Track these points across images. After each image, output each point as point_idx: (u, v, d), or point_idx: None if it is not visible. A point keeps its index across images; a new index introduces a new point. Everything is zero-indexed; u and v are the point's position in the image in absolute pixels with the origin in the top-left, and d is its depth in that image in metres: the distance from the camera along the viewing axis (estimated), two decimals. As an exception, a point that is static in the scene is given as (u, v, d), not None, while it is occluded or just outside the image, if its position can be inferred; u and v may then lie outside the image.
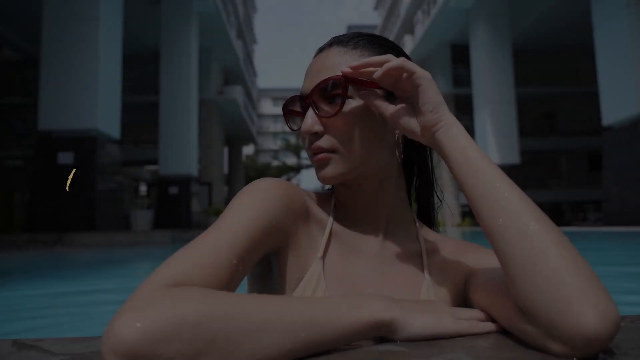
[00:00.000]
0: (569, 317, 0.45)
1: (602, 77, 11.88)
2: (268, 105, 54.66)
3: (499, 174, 0.58)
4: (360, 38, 0.75)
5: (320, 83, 0.69)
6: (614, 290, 0.54)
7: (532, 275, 0.49)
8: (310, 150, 0.72)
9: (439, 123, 0.64)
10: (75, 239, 8.34)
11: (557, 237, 0.51)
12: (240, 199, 0.63)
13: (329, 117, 0.69)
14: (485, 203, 0.56)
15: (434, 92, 0.65)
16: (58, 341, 0.57)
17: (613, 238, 8.39)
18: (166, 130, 15.42)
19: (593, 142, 21.98)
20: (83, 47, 9.66)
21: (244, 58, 24.18)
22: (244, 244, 0.57)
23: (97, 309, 2.92)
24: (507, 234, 0.53)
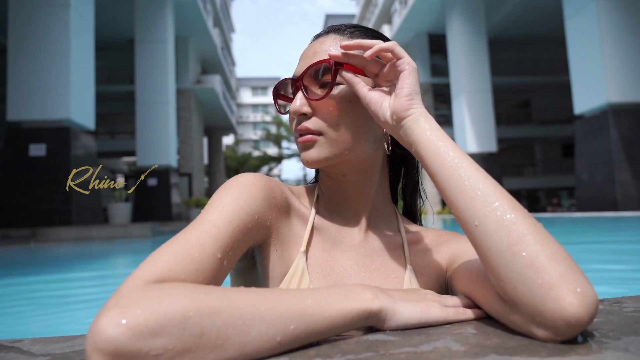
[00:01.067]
0: (550, 303, 0.46)
1: (573, 67, 12.12)
2: (247, 94, 54.14)
3: (472, 164, 0.58)
4: (357, 29, 0.76)
5: (311, 66, 0.70)
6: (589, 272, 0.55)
7: (512, 264, 0.49)
8: (296, 132, 0.72)
9: (410, 109, 0.65)
10: (51, 234, 8.13)
11: (533, 225, 0.51)
12: (222, 194, 0.63)
13: (317, 99, 0.69)
14: (460, 194, 0.56)
15: (415, 80, 0.66)
16: (37, 341, 0.56)
17: (586, 223, 8.61)
18: (143, 120, 15.13)
19: (566, 130, 22.51)
20: (53, 34, 9.34)
21: (221, 47, 23.84)
22: (228, 238, 0.57)
23: (76, 306, 2.86)
24: (484, 224, 0.53)
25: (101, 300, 3.04)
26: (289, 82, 0.76)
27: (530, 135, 24.49)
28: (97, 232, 8.58)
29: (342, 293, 0.51)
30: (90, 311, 2.72)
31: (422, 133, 0.63)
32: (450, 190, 0.57)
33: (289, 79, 0.76)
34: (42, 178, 9.09)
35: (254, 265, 0.73)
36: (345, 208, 0.78)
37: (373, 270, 0.75)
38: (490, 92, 17.32)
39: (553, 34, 19.42)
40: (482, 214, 0.53)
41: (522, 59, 23.07)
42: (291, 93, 0.75)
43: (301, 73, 0.71)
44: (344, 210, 0.78)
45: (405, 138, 0.65)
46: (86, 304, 2.97)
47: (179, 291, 0.43)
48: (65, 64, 9.33)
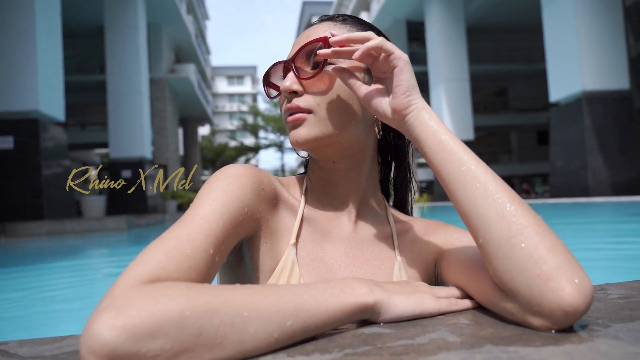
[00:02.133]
0: (549, 293, 0.47)
1: (549, 55, 12.30)
2: (223, 84, 53.47)
3: (473, 157, 0.59)
4: (349, 16, 0.79)
5: (304, 46, 0.70)
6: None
7: (511, 255, 0.50)
8: (286, 111, 0.71)
9: (410, 106, 0.64)
10: (21, 229, 7.92)
11: (532, 217, 0.52)
12: (211, 187, 0.62)
13: (309, 77, 0.69)
14: (461, 186, 0.57)
15: (409, 74, 0.65)
16: (24, 343, 0.54)
17: (558, 209, 8.81)
18: (115, 111, 14.77)
19: (541, 117, 22.94)
20: (17, 21, 8.99)
21: (195, 34, 23.41)
22: (219, 233, 0.56)
23: (53, 301, 2.78)
24: (484, 216, 0.54)
25: (79, 294, 2.96)
26: (281, 66, 0.76)
27: (506, 123, 24.90)
28: (70, 226, 8.40)
29: (337, 288, 0.51)
30: (68, 306, 2.67)
31: (424, 129, 0.63)
32: (452, 184, 0.58)
33: (280, 62, 0.75)
34: (11, 172, 8.85)
35: (241, 259, 0.72)
36: (335, 198, 0.78)
37: (363, 262, 0.76)
38: (468, 80, 17.51)
39: (530, 23, 19.67)
40: (482, 206, 0.54)
41: (499, 47, 23.34)
42: (282, 77, 0.76)
43: (293, 54, 0.72)
44: (334, 200, 0.78)
45: (408, 134, 0.65)
46: (63, 298, 2.90)
47: (175, 291, 0.42)
48: (31, 52, 9.00)
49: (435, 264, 0.75)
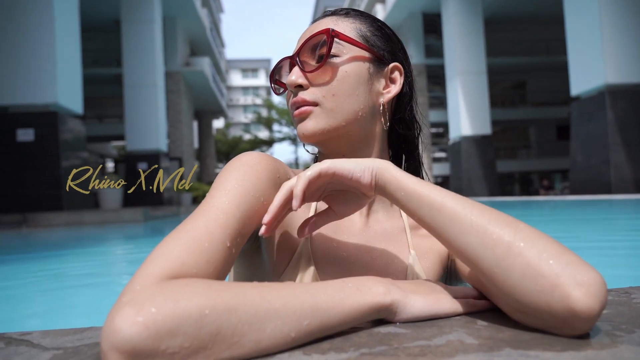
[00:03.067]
0: (556, 304, 0.45)
1: (571, 47, 12.01)
2: (237, 77, 53.61)
3: (440, 193, 0.57)
4: (352, 10, 0.79)
5: (307, 40, 0.72)
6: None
7: (507, 278, 0.49)
8: (293, 105, 0.72)
9: (369, 183, 0.61)
10: (41, 219, 8.09)
11: (514, 229, 0.51)
12: (227, 176, 0.62)
13: (313, 70, 0.70)
14: (440, 227, 0.55)
15: (344, 171, 0.60)
16: (47, 334, 0.55)
17: (579, 206, 8.66)
18: (131, 104, 14.93)
19: (561, 112, 22.53)
20: (36, 16, 9.13)
21: (210, 27, 23.48)
22: (236, 224, 0.56)
23: (73, 289, 2.84)
24: (469, 249, 0.53)
25: (97, 282, 3.00)
26: (287, 62, 0.77)
27: (525, 117, 24.51)
28: (88, 217, 8.55)
29: (354, 287, 0.51)
30: (87, 291, 2.74)
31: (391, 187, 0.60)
32: (432, 227, 0.57)
33: (286, 59, 0.76)
34: (31, 163, 9.01)
35: (258, 248, 0.73)
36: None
37: (376, 256, 0.75)
38: (486, 73, 17.27)
39: (550, 13, 19.26)
40: (464, 241, 0.53)
41: (518, 39, 22.92)
42: (288, 72, 0.77)
43: (297, 49, 0.73)
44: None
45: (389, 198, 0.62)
46: (82, 284, 2.96)
47: (195, 289, 0.43)
48: (50, 46, 9.14)
49: (449, 256, 0.76)
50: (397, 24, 23.04)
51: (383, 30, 0.78)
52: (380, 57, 0.75)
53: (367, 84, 0.73)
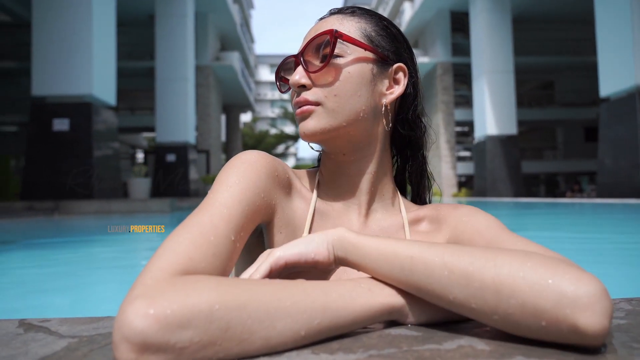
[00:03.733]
0: (565, 332, 0.43)
1: (601, 47, 11.71)
2: (266, 72, 53.85)
3: (417, 246, 0.53)
4: (358, 8, 0.78)
5: (311, 40, 0.71)
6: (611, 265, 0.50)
7: (507, 323, 0.46)
8: (296, 105, 0.72)
9: (326, 259, 0.57)
10: (73, 207, 8.31)
11: (494, 268, 0.47)
12: (228, 173, 0.64)
13: (316, 70, 0.70)
14: (419, 289, 0.51)
15: (295, 257, 0.56)
16: (65, 322, 0.57)
17: (606, 210, 8.48)
18: (162, 96, 15.24)
19: (590, 113, 21.96)
20: (75, 10, 9.42)
21: (240, 23, 23.66)
22: (239, 218, 0.58)
23: (102, 279, 2.97)
24: (454, 306, 0.50)
25: (120, 269, 3.13)
26: (292, 61, 0.76)
27: (552, 117, 23.96)
28: (117, 206, 8.73)
29: (366, 287, 0.51)
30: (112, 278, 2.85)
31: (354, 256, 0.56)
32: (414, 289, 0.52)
33: (291, 57, 0.76)
34: (65, 152, 9.28)
35: (261, 244, 0.75)
36: (346, 190, 0.78)
37: None
38: (513, 72, 16.96)
39: (580, 12, 18.79)
40: (450, 298, 0.49)
41: (546, 38, 22.38)
42: (293, 70, 0.75)
43: (303, 47, 0.73)
44: (345, 192, 0.78)
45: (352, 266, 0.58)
46: (108, 270, 3.10)
47: (205, 285, 0.43)
48: (87, 40, 9.42)
49: None
50: (425, 22, 22.78)
51: (388, 30, 0.77)
52: (384, 58, 0.74)
53: (370, 84, 0.73)
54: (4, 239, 5.39)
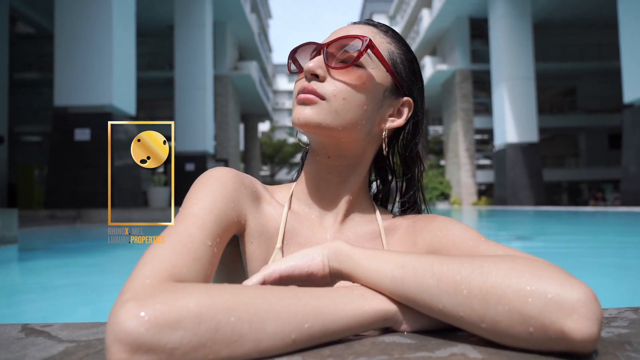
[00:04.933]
0: (554, 339, 0.43)
1: (624, 52, 11.51)
2: (283, 81, 54.30)
3: (408, 258, 0.53)
4: (392, 30, 0.79)
5: (341, 37, 0.71)
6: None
7: (495, 332, 0.46)
8: (302, 90, 0.71)
9: (321, 272, 0.57)
10: (94, 215, 8.48)
11: (480, 276, 0.47)
12: (196, 189, 0.66)
13: (336, 67, 0.70)
14: (418, 295, 0.51)
15: (290, 270, 0.56)
16: (66, 326, 0.58)
17: (630, 218, 8.26)
18: (181, 106, 15.45)
19: (613, 119, 21.50)
20: (96, 21, 9.65)
21: (258, 33, 23.95)
22: (212, 226, 0.60)
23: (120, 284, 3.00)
24: (444, 316, 0.49)
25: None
26: (312, 48, 0.75)
27: (574, 124, 23.56)
28: (137, 214, 8.87)
29: (359, 293, 0.51)
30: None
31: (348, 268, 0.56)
32: (401, 294, 0.52)
33: (312, 44, 0.75)
34: (87, 161, 9.47)
35: (238, 255, 0.74)
36: (324, 197, 0.77)
37: None
38: (533, 79, 16.75)
39: (603, 16, 18.51)
40: (436, 307, 0.49)
41: (568, 44, 22.07)
42: (309, 57, 0.75)
43: (330, 40, 0.72)
44: (322, 199, 0.77)
45: (346, 278, 0.58)
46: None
47: (195, 289, 0.44)
48: (107, 51, 9.62)
49: None
50: (444, 29, 22.68)
51: (412, 64, 0.78)
52: (398, 87, 0.75)
53: (378, 104, 0.73)
54: (29, 246, 5.51)
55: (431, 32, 23.42)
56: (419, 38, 24.89)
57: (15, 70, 16.50)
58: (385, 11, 43.57)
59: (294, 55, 0.77)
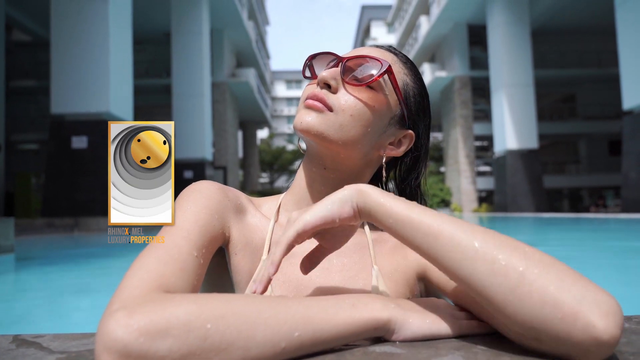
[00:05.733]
0: (577, 333, 0.43)
1: (623, 59, 11.56)
2: (282, 88, 54.47)
3: (444, 218, 0.53)
4: (411, 62, 0.81)
5: (362, 56, 0.71)
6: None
7: (522, 306, 0.45)
8: (310, 97, 0.71)
9: (351, 215, 0.57)
10: (92, 224, 8.46)
11: (524, 254, 0.48)
12: (181, 202, 0.66)
13: (350, 82, 0.70)
14: (441, 256, 0.51)
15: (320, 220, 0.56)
16: (58, 337, 0.58)
17: (632, 224, 8.22)
18: (179, 113, 15.44)
19: (613, 126, 21.55)
20: (92, 29, 9.65)
21: (256, 39, 24.02)
22: (197, 237, 0.60)
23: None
24: (476, 278, 0.48)
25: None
26: (329, 58, 0.75)
27: (574, 131, 23.62)
28: (134, 220, 8.84)
29: (350, 302, 0.51)
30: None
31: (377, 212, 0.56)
32: (431, 255, 0.52)
33: (331, 54, 0.75)
34: (84, 169, 9.46)
35: (225, 267, 0.74)
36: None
37: (335, 272, 0.74)
38: (532, 86, 16.80)
39: (602, 24, 18.56)
40: (469, 267, 0.49)
41: (567, 51, 22.18)
42: (325, 66, 0.75)
43: (351, 55, 0.72)
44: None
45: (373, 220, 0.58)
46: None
47: (184, 297, 0.45)
48: (104, 59, 9.62)
49: (417, 279, 0.73)
50: (442, 36, 22.76)
51: (423, 100, 0.79)
52: (405, 118, 0.76)
53: (381, 129, 0.73)
54: (25, 254, 5.48)
55: (430, 39, 23.50)
56: (417, 45, 24.98)
57: (11, 78, 16.47)
58: (384, 18, 43.82)
59: (311, 61, 0.78)
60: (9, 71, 13.94)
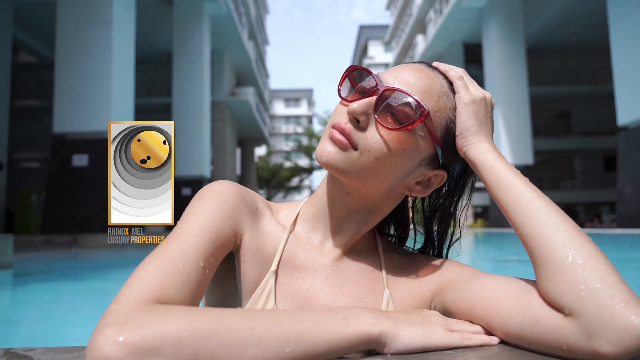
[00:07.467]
0: (621, 318, 0.45)
1: (617, 75, 11.69)
2: (280, 106, 54.77)
3: (528, 185, 0.62)
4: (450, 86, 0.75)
5: (407, 94, 0.64)
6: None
7: (582, 275, 0.50)
8: (337, 129, 0.65)
9: (463, 147, 0.68)
10: (90, 240, 8.42)
11: (600, 251, 0.52)
12: (195, 204, 0.64)
13: (381, 123, 0.64)
14: (520, 213, 0.58)
15: (465, 116, 0.68)
16: (49, 351, 0.57)
17: (627, 240, 8.26)
18: (179, 131, 15.45)
19: (608, 142, 21.67)
20: (96, 50, 9.79)
21: (255, 59, 24.27)
22: (207, 245, 0.58)
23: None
24: (551, 239, 0.54)
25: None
26: (371, 80, 0.67)
27: (569, 147, 23.71)
28: (134, 229, 8.79)
29: (341, 316, 0.51)
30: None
31: (480, 162, 0.67)
32: (511, 211, 0.60)
33: (374, 78, 0.66)
34: (84, 187, 9.49)
35: (232, 272, 0.72)
36: (333, 226, 0.74)
37: (346, 292, 0.72)
38: (528, 103, 16.93)
39: (596, 41, 18.83)
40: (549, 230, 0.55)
41: (562, 68, 22.40)
42: (364, 84, 0.68)
43: (393, 87, 0.65)
44: (328, 228, 0.74)
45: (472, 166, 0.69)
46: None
47: (176, 312, 0.44)
48: (107, 79, 9.74)
49: (432, 300, 0.70)
50: (439, 54, 23.05)
51: None
52: (438, 160, 0.70)
53: (410, 170, 0.68)
54: (23, 271, 5.49)
55: (426, 57, 23.77)
56: (414, 63, 25.18)
57: (16, 97, 16.64)
58: (381, 37, 44.34)
59: (351, 73, 0.70)
60: (13, 91, 14.11)
